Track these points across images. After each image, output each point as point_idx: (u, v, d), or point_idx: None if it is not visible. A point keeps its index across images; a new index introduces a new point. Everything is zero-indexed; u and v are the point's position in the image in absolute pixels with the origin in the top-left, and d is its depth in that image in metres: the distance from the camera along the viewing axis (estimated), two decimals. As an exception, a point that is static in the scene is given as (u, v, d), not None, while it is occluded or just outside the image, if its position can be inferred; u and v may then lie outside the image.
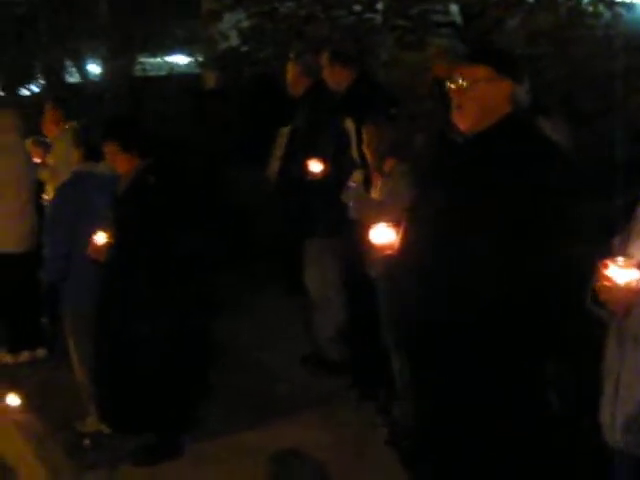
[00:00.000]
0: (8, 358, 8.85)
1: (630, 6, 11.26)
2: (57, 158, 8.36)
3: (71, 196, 6.82)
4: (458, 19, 10.93)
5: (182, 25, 18.04)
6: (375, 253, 4.80)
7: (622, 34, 10.48)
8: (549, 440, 4.07)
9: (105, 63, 18.20)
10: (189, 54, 19.60)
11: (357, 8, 11.49)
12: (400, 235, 4.47)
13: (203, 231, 6.89)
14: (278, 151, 8.04)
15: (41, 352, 8.92)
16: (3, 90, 19.27)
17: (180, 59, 21.73)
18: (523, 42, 10.34)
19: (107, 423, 6.72)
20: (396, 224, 4.60)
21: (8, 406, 7.19)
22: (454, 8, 10.88)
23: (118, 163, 6.40)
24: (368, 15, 11.19)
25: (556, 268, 3.90)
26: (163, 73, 19.93)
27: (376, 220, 5.91)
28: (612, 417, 3.75)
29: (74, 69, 19.58)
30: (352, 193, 6.19)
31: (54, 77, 18.95)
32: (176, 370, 6.45)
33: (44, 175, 8.81)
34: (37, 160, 9.34)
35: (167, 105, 14.35)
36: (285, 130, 8.01)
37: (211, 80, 16.70)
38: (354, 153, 6.95)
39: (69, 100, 9.73)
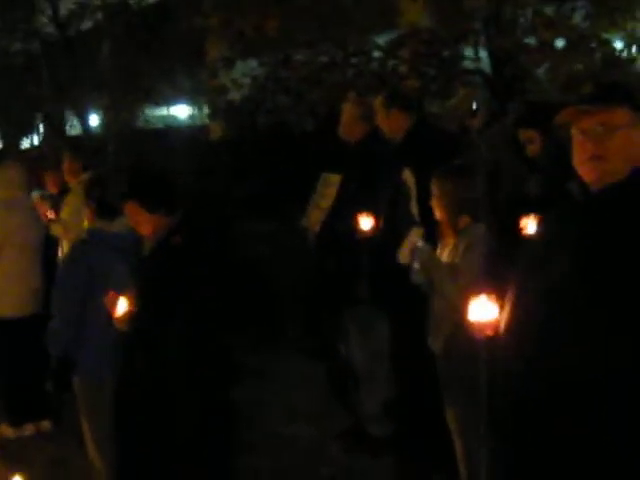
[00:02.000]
0: (10, 432, 7.80)
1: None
2: (69, 213, 7.56)
3: (82, 258, 5.78)
4: (487, 65, 10.03)
5: (186, 75, 17.17)
6: (473, 332, 3.73)
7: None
8: None
9: (107, 114, 17.22)
10: (192, 104, 18.75)
11: (377, 55, 10.61)
12: (505, 312, 3.43)
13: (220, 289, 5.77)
14: (323, 201, 6.90)
15: (46, 424, 7.88)
16: (3, 140, 18.38)
17: (180, 111, 21.00)
18: (558, 89, 9.46)
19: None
20: (499, 298, 3.56)
21: (14, 493, 6.16)
22: (483, 54, 9.97)
23: (142, 225, 5.31)
24: (392, 62, 10.27)
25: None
26: (161, 126, 19.11)
27: (448, 285, 4.99)
28: None
29: (74, 120, 18.68)
30: (419, 254, 5.12)
31: (54, 128, 18.02)
32: (207, 457, 5.33)
33: (57, 230, 7.83)
34: (51, 216, 8.34)
35: (172, 157, 13.40)
36: (332, 178, 6.89)
37: (217, 131, 15.89)
38: (413, 209, 5.88)
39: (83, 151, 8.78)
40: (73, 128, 18.95)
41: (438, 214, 5.23)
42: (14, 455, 7.27)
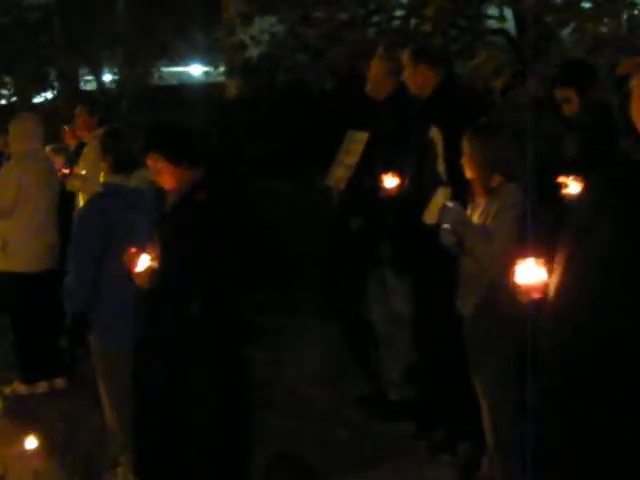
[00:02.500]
0: (23, 389, 7.65)
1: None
2: (89, 166, 7.51)
3: (98, 213, 5.54)
4: (512, 24, 9.75)
5: (202, 31, 16.89)
6: (519, 295, 3.54)
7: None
8: None
9: (122, 70, 16.94)
10: (207, 63, 18.48)
11: (400, 13, 10.32)
12: (554, 276, 3.25)
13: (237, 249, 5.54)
14: (347, 157, 6.65)
15: (60, 382, 7.74)
16: (17, 96, 18.12)
17: (194, 68, 20.75)
18: (583, 52, 9.22)
19: (142, 478, 5.39)
20: (547, 261, 3.38)
21: (26, 451, 5.99)
22: (508, 14, 9.69)
23: (165, 178, 5.08)
24: (415, 20, 10.00)
25: None
26: (175, 83, 18.85)
27: (481, 247, 4.80)
28: None
29: (89, 76, 18.43)
30: (450, 214, 4.90)
31: (68, 84, 17.74)
32: (226, 420, 5.14)
33: (75, 185, 7.64)
34: (66, 171, 8.13)
35: (187, 115, 13.15)
36: (358, 135, 6.64)
37: (232, 89, 15.66)
38: (440, 167, 5.66)
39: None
40: (89, 83, 18.66)
41: (469, 173, 5.01)
42: (28, 413, 7.14)
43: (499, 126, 5.16)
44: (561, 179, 4.64)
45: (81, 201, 7.97)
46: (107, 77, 18.31)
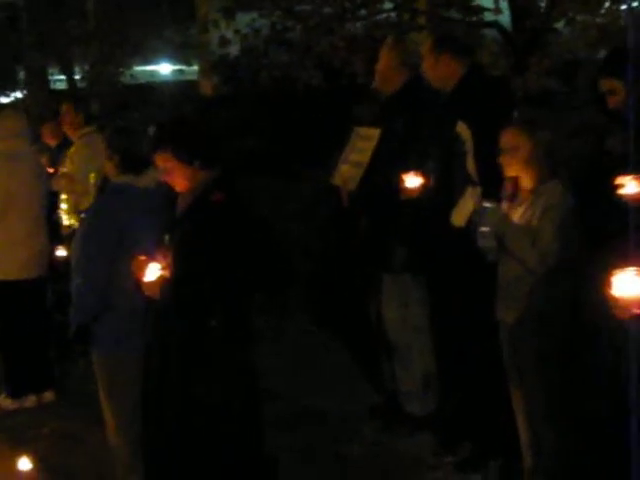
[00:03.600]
0: (10, 403, 7.11)
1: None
2: (77, 166, 7.17)
3: (108, 215, 5.02)
4: (506, 17, 9.36)
5: (175, 30, 16.45)
6: (617, 309, 3.13)
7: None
8: None
9: (93, 68, 16.38)
10: (176, 61, 18.06)
11: (388, 6, 9.87)
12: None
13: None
14: (357, 156, 6.06)
15: (49, 395, 7.20)
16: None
17: (163, 67, 20.32)
18: (585, 44, 8.85)
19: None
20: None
21: (19, 472, 5.48)
22: (504, 5, 9.29)
23: (176, 178, 4.62)
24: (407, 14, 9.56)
25: None
26: (144, 82, 18.38)
27: (526, 249, 4.42)
28: None
29: (59, 76, 17.89)
30: (490, 215, 4.51)
31: (38, 82, 17.14)
32: (241, 434, 4.69)
33: (62, 184, 7.21)
34: (50, 171, 7.64)
35: (162, 113, 12.66)
36: (368, 131, 6.08)
37: (207, 86, 15.21)
38: (469, 165, 5.19)
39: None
40: (59, 83, 18.12)
41: (511, 170, 4.62)
42: (15, 430, 6.63)
43: (541, 121, 4.77)
44: (620, 179, 4.18)
45: (64, 202, 7.47)
46: (77, 76, 17.77)
